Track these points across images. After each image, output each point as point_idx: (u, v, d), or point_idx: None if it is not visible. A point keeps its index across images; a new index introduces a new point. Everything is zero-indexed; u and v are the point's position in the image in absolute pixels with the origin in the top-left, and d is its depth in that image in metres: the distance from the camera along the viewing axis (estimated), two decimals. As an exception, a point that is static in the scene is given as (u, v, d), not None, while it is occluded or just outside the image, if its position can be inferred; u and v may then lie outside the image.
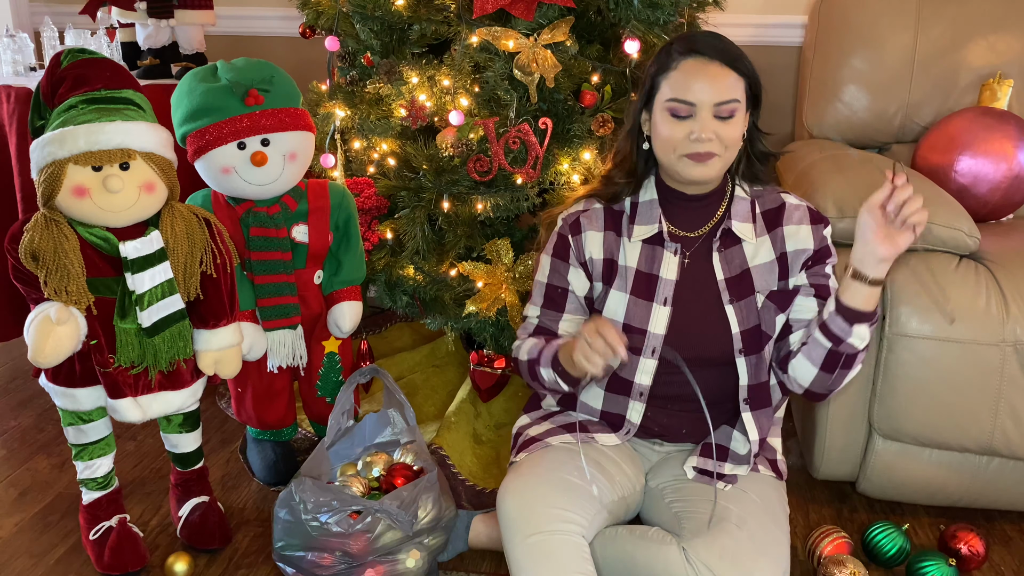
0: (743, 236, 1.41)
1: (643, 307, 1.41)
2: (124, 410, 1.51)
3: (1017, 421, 1.59)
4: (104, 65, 1.46)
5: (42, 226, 1.40)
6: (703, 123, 1.32)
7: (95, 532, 1.62)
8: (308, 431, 2.02)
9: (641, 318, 1.41)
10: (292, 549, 1.48)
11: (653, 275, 1.42)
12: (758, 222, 1.43)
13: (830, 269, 1.42)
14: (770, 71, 2.58)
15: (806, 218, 1.42)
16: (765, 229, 1.42)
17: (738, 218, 1.42)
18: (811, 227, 1.41)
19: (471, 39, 1.78)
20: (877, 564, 1.64)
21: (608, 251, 1.45)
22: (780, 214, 1.43)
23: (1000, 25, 2.17)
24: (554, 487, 1.33)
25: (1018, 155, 1.92)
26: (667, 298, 1.40)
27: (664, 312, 1.40)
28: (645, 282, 1.42)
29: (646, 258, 1.43)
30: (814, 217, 1.43)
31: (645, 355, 1.41)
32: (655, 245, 1.43)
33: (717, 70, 1.32)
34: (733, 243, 1.42)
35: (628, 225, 1.45)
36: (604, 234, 1.45)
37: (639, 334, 1.41)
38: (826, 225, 1.43)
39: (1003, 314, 1.58)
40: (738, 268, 1.41)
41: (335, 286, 1.82)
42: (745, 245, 1.42)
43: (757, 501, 1.34)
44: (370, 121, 1.94)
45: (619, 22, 1.80)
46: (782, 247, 1.41)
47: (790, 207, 1.43)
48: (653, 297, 1.41)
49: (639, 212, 1.44)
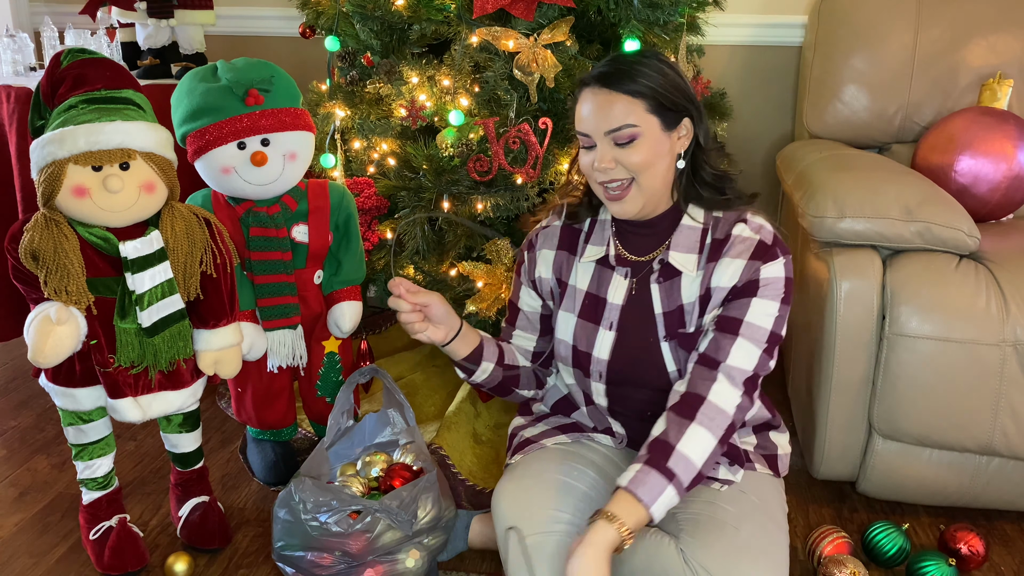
0: (682, 268, 1.32)
1: (590, 330, 1.39)
2: (124, 410, 1.51)
3: (1017, 421, 1.59)
4: (104, 65, 1.46)
5: (42, 226, 1.40)
6: (601, 152, 1.27)
7: (95, 532, 1.62)
8: (308, 431, 2.02)
9: (588, 341, 1.39)
10: (292, 549, 1.48)
11: (601, 298, 1.38)
12: (704, 253, 1.32)
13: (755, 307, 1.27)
14: (770, 71, 2.62)
15: (748, 252, 1.29)
16: (707, 261, 1.32)
17: (679, 248, 1.33)
18: (747, 262, 1.28)
19: (471, 39, 1.79)
20: (877, 564, 1.64)
21: (558, 271, 1.43)
22: (723, 245, 1.31)
23: (1000, 25, 2.17)
24: (549, 488, 1.33)
25: (1018, 155, 1.92)
26: (613, 323, 1.37)
27: (609, 337, 1.37)
28: (593, 305, 1.39)
29: (596, 280, 1.39)
30: (759, 252, 1.28)
31: (594, 379, 1.41)
32: (605, 267, 1.39)
33: (604, 97, 1.26)
34: (673, 274, 1.34)
35: (583, 244, 1.41)
36: (556, 253, 1.44)
37: (586, 357, 1.40)
38: (769, 262, 1.28)
39: (1003, 314, 1.58)
40: (675, 303, 1.34)
41: (335, 286, 1.82)
42: (684, 278, 1.33)
43: (755, 501, 1.34)
44: (370, 121, 1.95)
45: (619, 22, 1.80)
46: (708, 283, 1.31)
47: (736, 238, 1.31)
48: (600, 321, 1.38)
49: (594, 231, 1.41)
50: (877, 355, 1.64)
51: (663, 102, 1.26)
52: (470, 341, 1.43)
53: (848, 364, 1.66)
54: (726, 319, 1.29)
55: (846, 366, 1.67)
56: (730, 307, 1.29)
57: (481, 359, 1.45)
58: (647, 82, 1.26)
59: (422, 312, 1.38)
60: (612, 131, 1.26)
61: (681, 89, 1.29)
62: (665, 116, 1.27)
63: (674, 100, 1.27)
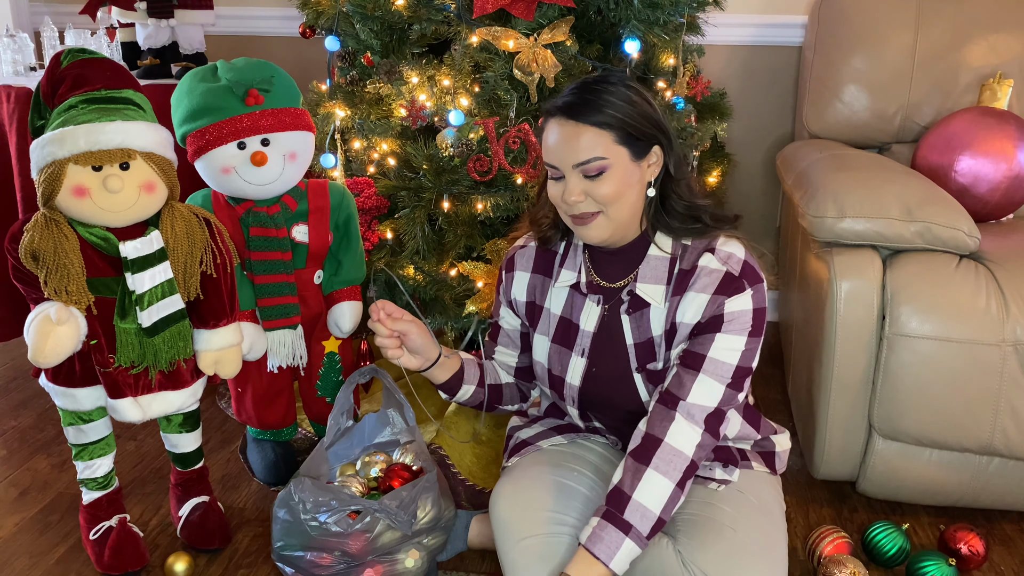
0: (650, 300, 1.30)
1: (563, 355, 1.38)
2: (124, 410, 1.51)
3: (1017, 421, 1.59)
4: (104, 65, 1.46)
5: (42, 226, 1.40)
6: (571, 185, 1.24)
7: (95, 532, 1.62)
8: (308, 431, 2.02)
9: (561, 366, 1.39)
10: (291, 549, 1.47)
11: (574, 324, 1.37)
12: (672, 283, 1.30)
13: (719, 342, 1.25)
14: (770, 71, 2.62)
15: (712, 286, 1.26)
16: (673, 293, 1.29)
17: (647, 279, 1.30)
18: (711, 297, 1.25)
19: (471, 39, 1.78)
20: (877, 564, 1.64)
21: (532, 294, 1.43)
22: (689, 277, 1.28)
23: (1000, 25, 2.17)
24: (546, 490, 1.33)
25: (1018, 155, 1.92)
26: (584, 349, 1.36)
27: (581, 363, 1.36)
28: (566, 330, 1.38)
29: (569, 305, 1.38)
30: (724, 286, 1.25)
31: (568, 403, 1.41)
32: (577, 293, 1.37)
33: (570, 130, 1.23)
34: (642, 306, 1.32)
35: (558, 268, 1.40)
36: (530, 276, 1.43)
37: (559, 381, 1.40)
38: (735, 295, 1.24)
39: (1003, 314, 1.58)
40: (646, 334, 1.32)
41: (335, 286, 1.82)
42: (653, 309, 1.31)
43: (752, 501, 1.34)
44: (370, 121, 1.94)
45: (619, 22, 1.80)
46: (673, 316, 1.29)
47: (703, 270, 1.27)
48: (572, 346, 1.37)
49: (568, 256, 1.39)
50: (877, 355, 1.64)
51: (632, 132, 1.23)
52: (449, 367, 1.43)
53: (848, 364, 1.66)
54: (690, 354, 1.27)
55: (846, 366, 1.67)
56: (694, 343, 1.27)
57: (461, 383, 1.46)
58: (614, 112, 1.22)
59: (398, 339, 1.37)
60: (580, 164, 1.23)
61: (650, 117, 1.25)
62: (634, 146, 1.24)
63: (643, 130, 1.24)
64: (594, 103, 1.22)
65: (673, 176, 1.29)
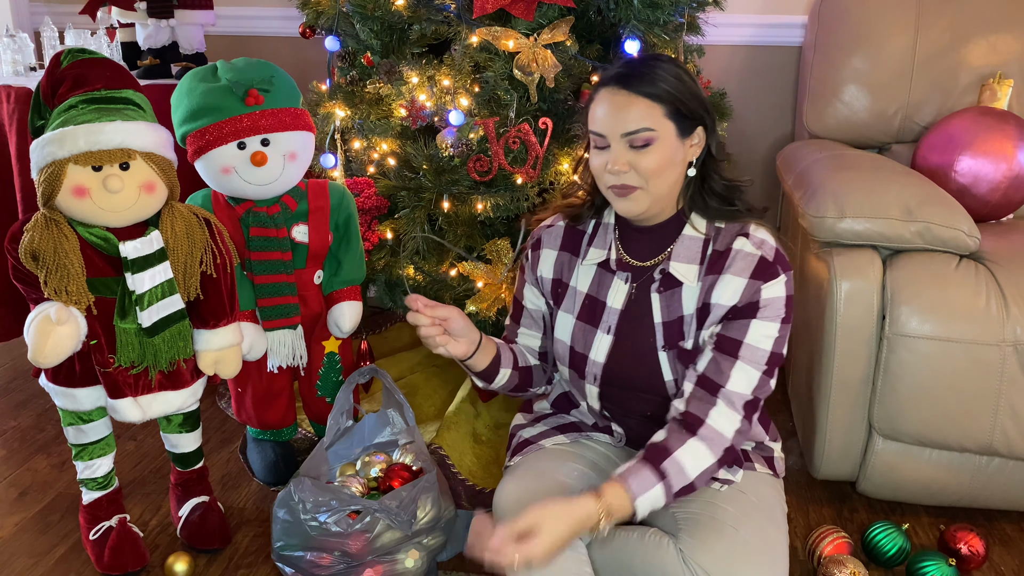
0: (683, 279, 1.31)
1: (588, 332, 1.39)
2: (124, 410, 1.51)
3: (1017, 421, 1.59)
4: (104, 65, 1.46)
5: (42, 226, 1.40)
6: (615, 154, 1.26)
7: (95, 532, 1.62)
8: (308, 431, 2.02)
9: (585, 343, 1.39)
10: (291, 549, 1.48)
11: (600, 301, 1.38)
12: (705, 264, 1.31)
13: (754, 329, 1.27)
14: (770, 71, 2.62)
15: (748, 269, 1.27)
16: (706, 273, 1.31)
17: (680, 259, 1.32)
18: (748, 281, 1.27)
19: (471, 39, 1.78)
20: (877, 564, 1.64)
21: (559, 271, 1.43)
22: (724, 259, 1.30)
23: (1000, 25, 2.17)
24: (550, 490, 1.33)
25: (1018, 155, 1.92)
26: (611, 327, 1.36)
27: (606, 340, 1.37)
28: (592, 308, 1.39)
29: (596, 283, 1.39)
30: (760, 271, 1.27)
31: (588, 381, 1.41)
32: (606, 271, 1.38)
33: (623, 99, 1.25)
34: (674, 285, 1.33)
35: (586, 246, 1.41)
36: (558, 254, 1.43)
37: (582, 359, 1.39)
38: (770, 281, 1.27)
39: (1003, 314, 1.58)
40: (675, 313, 1.33)
41: (335, 286, 1.82)
42: (685, 289, 1.32)
43: (754, 502, 1.34)
44: (370, 121, 1.95)
45: (619, 22, 1.80)
46: (706, 297, 1.30)
47: (738, 253, 1.29)
48: (598, 324, 1.38)
49: (597, 234, 1.41)
50: (877, 355, 1.64)
51: (681, 109, 1.26)
52: (488, 351, 1.42)
53: (848, 364, 1.66)
54: (726, 340, 1.28)
55: (846, 366, 1.67)
56: (730, 327, 1.28)
57: (499, 367, 1.44)
58: (667, 87, 1.25)
59: (441, 326, 1.36)
60: (629, 134, 1.25)
61: (698, 97, 1.28)
62: (681, 123, 1.27)
63: (691, 108, 1.27)
64: (648, 76, 1.25)
65: (715, 157, 1.32)
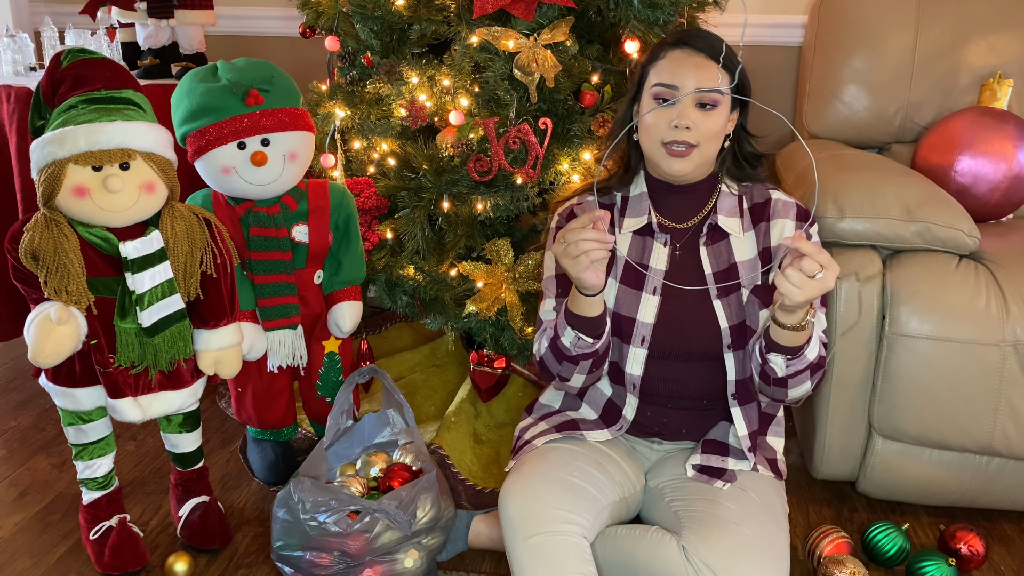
0: (730, 230, 1.43)
1: (633, 296, 1.42)
2: (124, 410, 1.51)
3: (1017, 421, 1.59)
4: (104, 65, 1.46)
5: (42, 226, 1.40)
6: (684, 110, 1.34)
7: (95, 532, 1.62)
8: (308, 431, 2.02)
9: (630, 307, 1.42)
10: (291, 549, 1.48)
11: (643, 264, 1.43)
12: (745, 217, 1.44)
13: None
14: (770, 71, 2.61)
15: (791, 213, 1.43)
16: (752, 224, 1.44)
17: (724, 212, 1.43)
18: (795, 223, 1.42)
19: (471, 39, 1.78)
20: (877, 564, 1.64)
21: None
22: (766, 208, 1.44)
23: (1000, 25, 2.17)
24: (556, 488, 1.33)
25: (1018, 155, 1.92)
26: (656, 288, 1.42)
27: (654, 301, 1.41)
28: (635, 271, 1.43)
29: (636, 248, 1.44)
30: (800, 214, 1.43)
31: (635, 344, 1.41)
32: (645, 236, 1.45)
33: (701, 60, 1.35)
34: (720, 237, 1.43)
35: (619, 218, 1.47)
36: None
37: (628, 322, 1.42)
38: (812, 223, 1.42)
39: (1003, 314, 1.58)
40: (725, 263, 1.42)
41: (335, 286, 1.82)
42: (732, 239, 1.43)
43: (757, 500, 1.35)
44: (370, 121, 1.95)
45: (619, 22, 1.80)
46: (765, 242, 1.42)
47: (777, 202, 1.44)
48: (643, 286, 1.42)
49: (629, 205, 1.47)
50: (877, 355, 1.64)
51: (739, 85, 1.37)
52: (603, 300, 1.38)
53: (848, 364, 1.66)
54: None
55: (846, 366, 1.67)
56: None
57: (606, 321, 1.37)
58: (735, 62, 1.36)
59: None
60: (705, 90, 1.33)
61: (748, 80, 1.40)
62: (735, 98, 1.38)
63: (743, 87, 1.39)
64: (719, 48, 1.36)
65: (746, 130, 1.47)
